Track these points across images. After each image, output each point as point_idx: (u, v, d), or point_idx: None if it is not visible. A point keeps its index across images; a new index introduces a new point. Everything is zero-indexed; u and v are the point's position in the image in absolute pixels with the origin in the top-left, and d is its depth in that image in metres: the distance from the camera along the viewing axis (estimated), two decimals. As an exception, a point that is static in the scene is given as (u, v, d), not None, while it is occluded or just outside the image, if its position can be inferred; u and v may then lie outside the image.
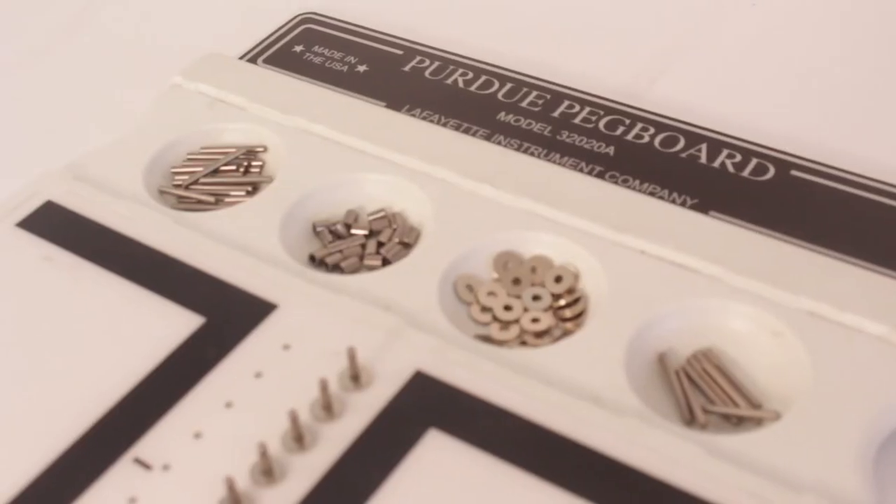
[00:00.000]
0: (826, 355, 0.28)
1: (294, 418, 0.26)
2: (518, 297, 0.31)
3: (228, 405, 0.28)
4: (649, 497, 0.25)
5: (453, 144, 0.35)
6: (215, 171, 0.35)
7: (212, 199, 0.34)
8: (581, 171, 0.34)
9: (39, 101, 0.42)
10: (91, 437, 0.27)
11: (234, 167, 0.36)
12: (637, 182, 0.34)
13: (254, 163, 0.36)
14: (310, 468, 0.26)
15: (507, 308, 0.31)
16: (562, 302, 0.31)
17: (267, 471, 0.26)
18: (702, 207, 0.32)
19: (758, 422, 0.27)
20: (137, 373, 0.29)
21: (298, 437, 0.27)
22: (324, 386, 0.27)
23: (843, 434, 0.26)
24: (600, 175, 0.34)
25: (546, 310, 0.31)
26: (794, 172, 0.34)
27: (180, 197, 0.35)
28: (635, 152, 0.35)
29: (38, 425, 0.28)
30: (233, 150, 0.36)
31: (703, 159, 0.35)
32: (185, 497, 0.26)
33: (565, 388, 0.27)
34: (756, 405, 0.28)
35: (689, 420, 0.28)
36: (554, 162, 0.34)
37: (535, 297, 0.31)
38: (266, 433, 0.27)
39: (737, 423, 0.28)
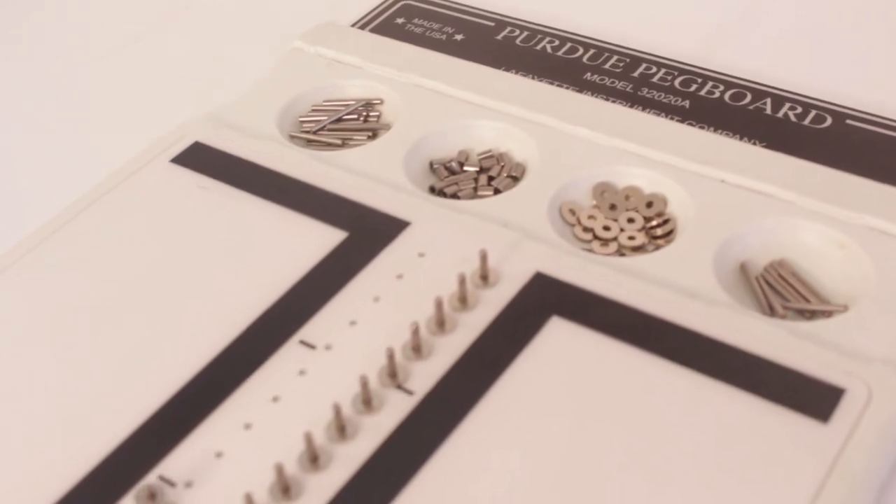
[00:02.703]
0: (886, 262, 0.33)
1: (439, 305, 0.31)
2: (615, 220, 0.36)
3: (376, 299, 0.33)
4: (741, 367, 0.30)
5: (551, 95, 0.40)
6: (338, 120, 0.40)
7: (339, 141, 0.39)
8: (661, 120, 0.39)
9: (168, 65, 0.47)
10: (262, 323, 0.32)
11: (354, 116, 0.40)
12: (711, 129, 0.39)
13: (372, 113, 0.41)
14: (453, 347, 0.31)
15: (606, 228, 0.35)
16: (653, 223, 0.35)
17: (416, 347, 0.31)
18: (770, 149, 0.37)
19: (828, 314, 0.32)
20: (297, 273, 0.34)
21: (441, 322, 0.31)
22: (461, 280, 0.32)
23: (904, 321, 0.31)
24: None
25: (640, 230, 0.35)
26: (849, 122, 0.39)
27: (309, 141, 0.40)
28: (708, 105, 0.40)
29: (219, 314, 0.33)
30: (352, 101, 0.41)
31: (768, 111, 0.40)
32: (346, 369, 0.31)
33: (664, 287, 0.32)
34: (826, 302, 0.33)
35: (770, 314, 0.32)
36: (637, 113, 0.39)
37: (630, 220, 0.36)
38: (412, 320, 0.31)
39: (810, 316, 0.32)
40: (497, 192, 0.37)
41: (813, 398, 0.29)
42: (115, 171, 0.38)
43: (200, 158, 0.38)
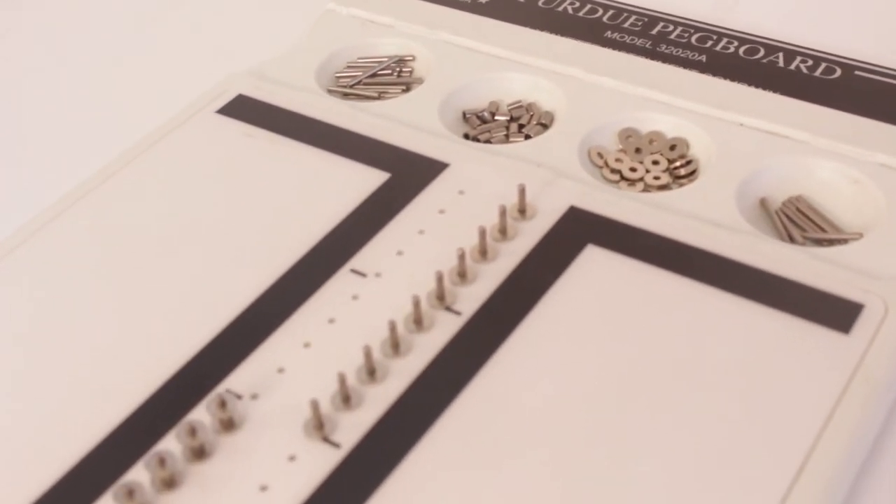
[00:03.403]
0: (897, 195, 0.35)
1: (482, 233, 0.33)
2: (640, 162, 0.38)
3: (421, 232, 0.35)
4: (767, 287, 0.32)
5: (575, 49, 0.42)
6: (373, 76, 0.43)
7: (375, 94, 0.41)
8: (680, 73, 0.41)
9: (204, 32, 0.49)
10: (315, 255, 0.34)
11: (388, 72, 0.43)
12: (727, 81, 0.41)
13: (405, 69, 0.43)
14: (496, 273, 0.33)
15: (633, 169, 0.38)
16: (676, 164, 0.38)
17: (462, 273, 0.33)
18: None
19: (844, 242, 0.34)
20: (345, 210, 0.36)
21: (483, 251, 0.34)
22: (502, 211, 0.34)
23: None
24: (696, 76, 0.41)
25: (664, 171, 0.38)
26: (858, 73, 0.41)
27: (345, 95, 0.42)
28: (724, 60, 0.42)
29: (273, 247, 0.35)
30: (385, 58, 0.43)
31: (781, 64, 0.42)
32: (396, 294, 0.33)
33: (691, 218, 0.34)
34: (841, 231, 0.35)
35: (790, 243, 0.35)
36: (657, 66, 0.42)
37: (655, 162, 0.38)
38: (455, 249, 0.33)
39: (827, 245, 0.35)
40: (528, 138, 0.39)
41: (834, 313, 0.31)
42: (163, 123, 0.40)
43: (245, 109, 0.40)
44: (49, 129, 0.44)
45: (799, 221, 0.35)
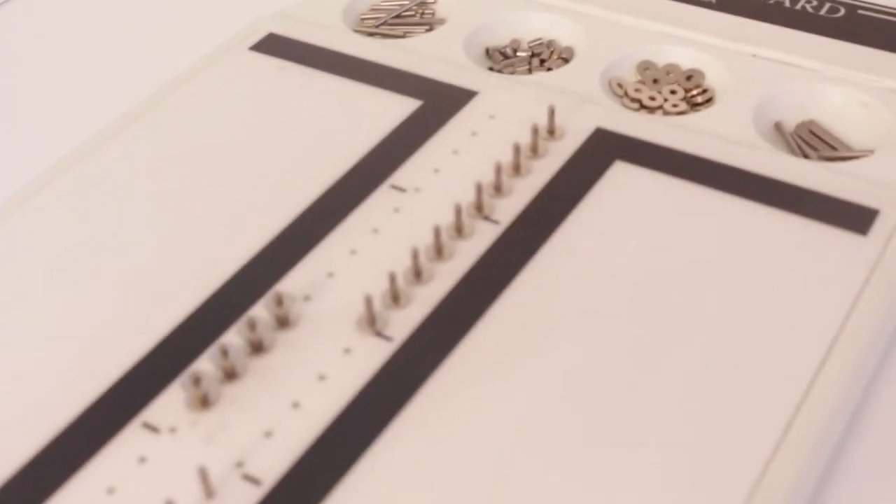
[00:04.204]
0: (904, 116, 0.37)
1: (516, 150, 0.35)
2: (659, 92, 0.40)
3: (455, 152, 0.37)
4: (787, 196, 0.34)
5: (593, -11, 0.44)
6: (397, 16, 0.44)
7: (400, 33, 0.43)
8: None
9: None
10: (356, 172, 0.36)
11: (411, 13, 0.44)
12: (739, 17, 0.43)
13: (426, 11, 0.45)
14: (529, 187, 0.35)
15: (652, 98, 0.40)
16: (693, 92, 0.40)
17: (497, 187, 0.35)
18: (792, 33, 0.42)
19: (855, 159, 0.36)
20: (381, 133, 0.37)
21: (517, 167, 0.35)
22: (534, 129, 0.36)
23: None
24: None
25: (682, 99, 0.40)
26: (861, 12, 0.43)
27: (371, 34, 0.44)
28: (731, 3, 0.44)
29: (315, 166, 0.36)
30: (407, 1, 0.45)
31: (787, 4, 0.44)
32: (436, 206, 0.34)
33: (712, 137, 0.36)
34: (852, 150, 0.37)
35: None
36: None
37: (672, 92, 0.40)
38: (490, 166, 0.35)
39: (840, 162, 0.37)
40: (549, 71, 0.41)
41: (851, 217, 0.33)
42: (197, 60, 0.42)
43: (276, 46, 0.42)
44: (87, 67, 0.45)
45: (812, 142, 0.37)
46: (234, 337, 0.31)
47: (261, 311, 0.31)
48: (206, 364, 0.30)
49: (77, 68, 0.45)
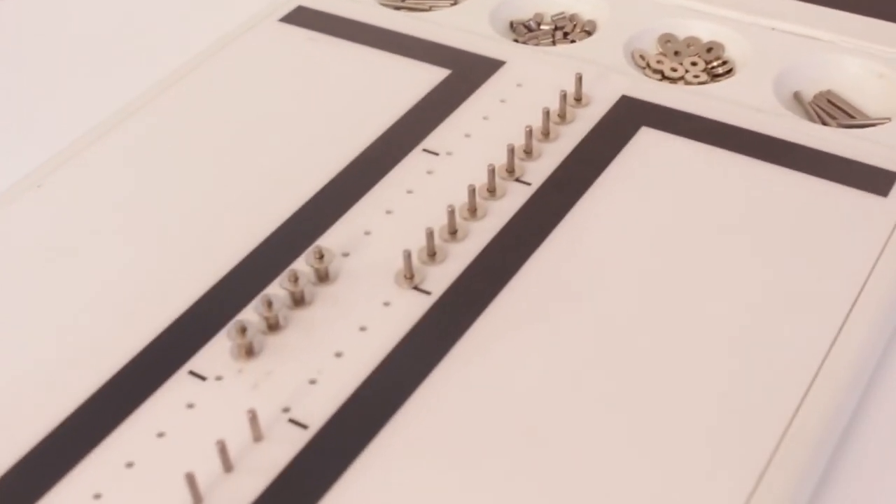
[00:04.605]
0: (920, 86, 0.38)
1: (545, 114, 0.36)
2: (680, 63, 0.41)
3: (485, 118, 0.38)
4: (809, 160, 0.35)
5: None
6: (423, -9, 0.45)
7: (426, 6, 0.44)
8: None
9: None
10: (388, 136, 0.37)
11: (436, -12, 0.45)
12: (754, -5, 0.44)
13: (451, -15, 0.46)
14: (558, 151, 0.36)
15: (673, 69, 0.41)
16: (714, 64, 0.41)
17: (528, 150, 0.36)
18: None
19: (873, 126, 0.37)
20: (413, 99, 0.38)
21: (546, 132, 0.36)
22: (562, 95, 0.37)
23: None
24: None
25: (703, 70, 0.41)
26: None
27: (397, 8, 0.44)
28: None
29: (347, 130, 0.37)
30: (432, -24, 0.46)
31: (802, -19, 0.45)
32: (468, 168, 0.35)
33: (734, 104, 0.37)
34: (869, 117, 0.38)
35: (824, 128, 0.38)
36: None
37: (693, 63, 0.41)
38: (518, 132, 0.36)
39: (858, 129, 0.38)
40: (573, 43, 0.42)
41: (872, 180, 0.34)
42: (228, 32, 0.43)
43: (306, 18, 0.43)
44: (124, 38, 0.46)
45: (830, 111, 0.38)
46: (277, 289, 0.32)
47: (302, 265, 0.32)
48: (250, 315, 0.31)
49: (114, 39, 0.46)
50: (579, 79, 0.37)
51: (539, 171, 0.35)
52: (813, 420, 0.28)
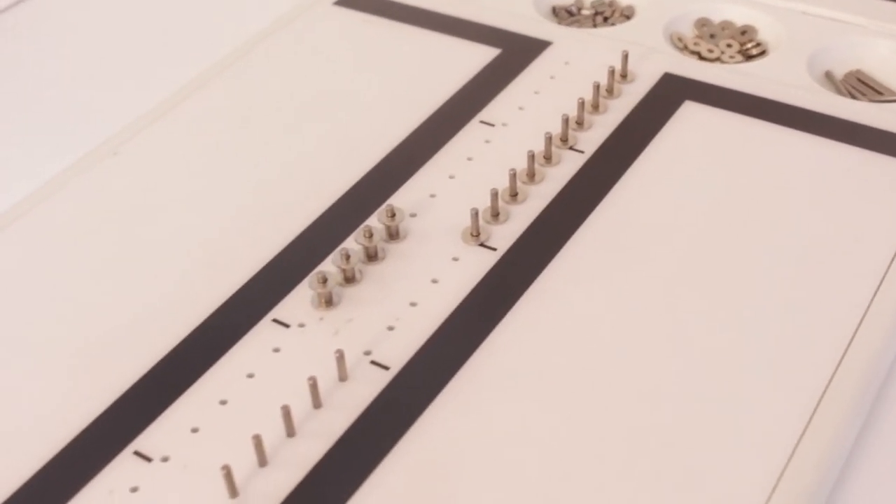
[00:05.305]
0: (945, 65, 0.40)
1: (595, 88, 0.38)
2: (716, 45, 0.43)
3: (536, 92, 0.40)
4: (845, 130, 0.37)
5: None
6: (466, -21, 0.47)
7: (471, -8, 0.46)
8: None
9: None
10: (446, 110, 0.39)
11: (479, -24, 0.48)
12: (783, -16, 0.46)
13: (493, -26, 0.48)
14: (609, 121, 0.38)
15: (710, 50, 0.43)
16: (748, 45, 0.43)
17: (580, 121, 0.38)
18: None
19: (903, 102, 0.40)
20: (468, 75, 0.41)
21: (595, 105, 0.39)
22: (611, 71, 0.39)
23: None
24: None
25: (738, 52, 0.43)
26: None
27: (443, -6, 0.47)
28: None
29: (407, 103, 0.39)
30: (475, -35, 0.48)
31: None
32: (523, 137, 0.38)
33: (772, 81, 0.40)
34: (898, 95, 0.40)
35: (855, 104, 0.40)
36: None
37: (728, 45, 0.43)
38: (568, 106, 0.38)
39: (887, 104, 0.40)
40: (613, 26, 0.44)
41: (904, 148, 0.37)
42: (283, 14, 0.45)
43: (359, 1, 0.45)
44: (181, 20, 0.48)
45: (860, 88, 0.41)
46: (352, 244, 0.34)
47: (374, 222, 0.34)
48: (328, 267, 0.33)
49: (176, 22, 0.48)
50: (625, 56, 0.40)
51: (591, 140, 0.38)
52: (867, 349, 0.30)
